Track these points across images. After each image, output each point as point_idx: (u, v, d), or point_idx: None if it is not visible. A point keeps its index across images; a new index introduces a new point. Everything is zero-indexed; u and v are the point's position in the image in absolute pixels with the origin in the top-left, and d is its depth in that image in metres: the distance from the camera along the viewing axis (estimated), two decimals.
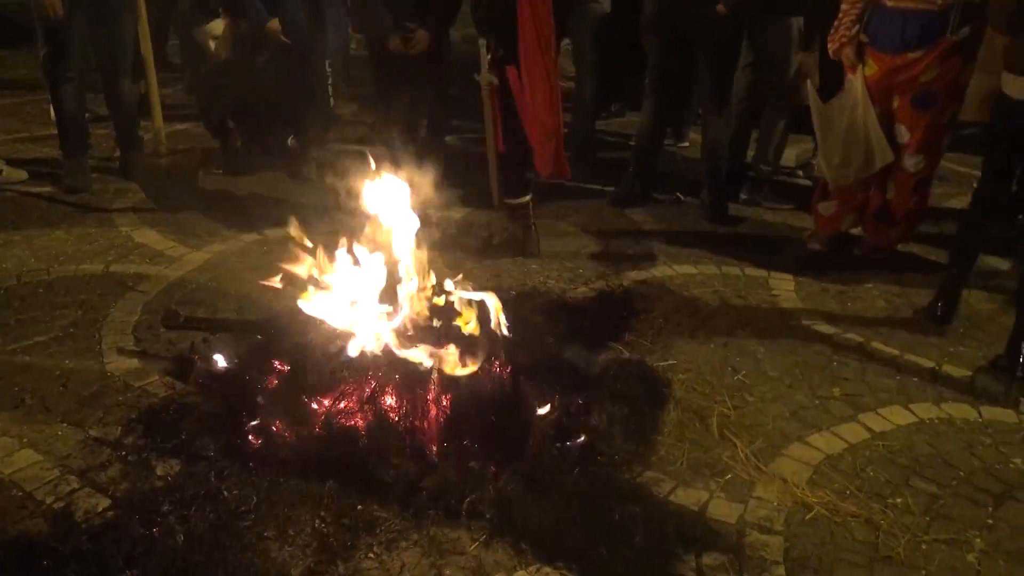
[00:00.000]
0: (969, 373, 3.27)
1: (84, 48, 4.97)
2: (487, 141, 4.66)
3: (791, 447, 2.84)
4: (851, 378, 3.25)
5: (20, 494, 2.55)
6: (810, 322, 3.66)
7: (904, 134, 3.91)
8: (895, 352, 3.43)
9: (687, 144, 6.11)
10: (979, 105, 4.15)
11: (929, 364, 3.35)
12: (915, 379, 3.25)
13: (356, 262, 2.86)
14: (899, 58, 3.77)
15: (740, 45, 4.66)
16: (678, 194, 5.07)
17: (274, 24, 5.11)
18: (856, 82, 3.88)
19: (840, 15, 3.89)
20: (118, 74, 5.07)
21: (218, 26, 5.35)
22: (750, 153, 5.25)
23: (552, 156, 4.07)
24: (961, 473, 2.73)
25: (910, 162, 3.93)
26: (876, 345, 3.48)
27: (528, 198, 4.27)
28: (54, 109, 5.19)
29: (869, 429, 2.95)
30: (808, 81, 4.23)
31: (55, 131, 5.26)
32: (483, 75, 4.33)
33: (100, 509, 2.48)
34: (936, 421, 3.00)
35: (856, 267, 4.17)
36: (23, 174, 5.12)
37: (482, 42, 4.26)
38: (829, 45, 3.95)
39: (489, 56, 4.16)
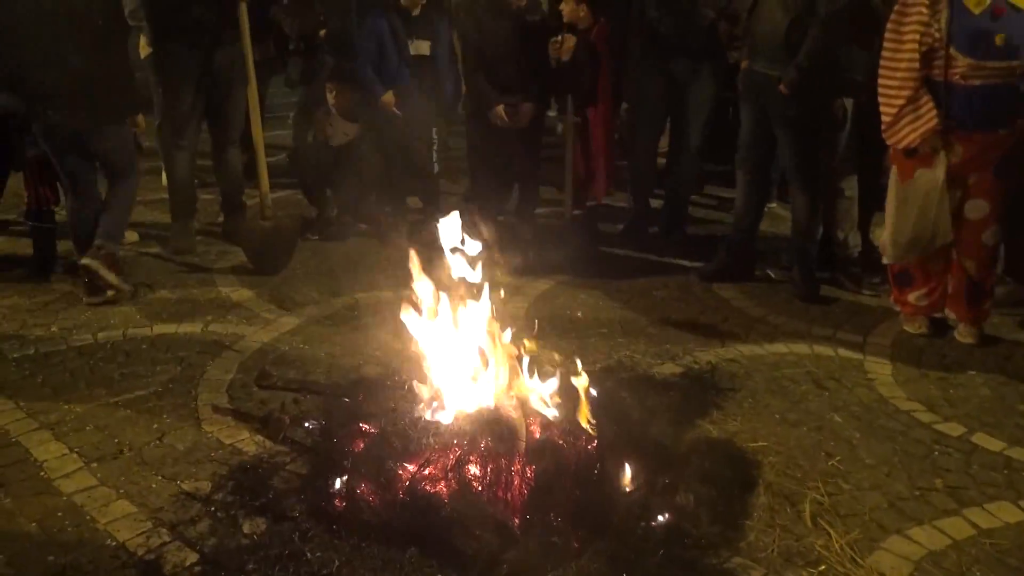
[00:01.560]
0: None
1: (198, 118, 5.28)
2: (567, 165, 5.35)
3: (890, 540, 2.70)
4: (954, 470, 3.09)
5: (114, 544, 2.62)
6: (909, 408, 3.51)
7: (982, 208, 3.86)
8: (1003, 444, 3.25)
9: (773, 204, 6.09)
10: None
11: None
12: None
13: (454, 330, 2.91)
14: (990, 136, 3.71)
15: (820, 123, 4.61)
16: (768, 271, 5.00)
17: (388, 97, 5.29)
18: (939, 166, 3.81)
19: (903, 102, 3.80)
20: (227, 143, 5.38)
21: (338, 125, 5.58)
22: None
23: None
24: None
25: (988, 233, 3.91)
26: (981, 436, 3.31)
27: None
28: (166, 175, 5.51)
29: (975, 525, 2.78)
30: (905, 177, 4.00)
31: (165, 195, 5.57)
32: (569, 116, 5.30)
33: (188, 563, 2.52)
34: None
35: (958, 352, 4.01)
36: (134, 235, 5.40)
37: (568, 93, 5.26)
38: (906, 136, 3.83)
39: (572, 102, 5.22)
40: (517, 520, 2.57)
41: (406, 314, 2.96)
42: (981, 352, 4.00)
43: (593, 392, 2.87)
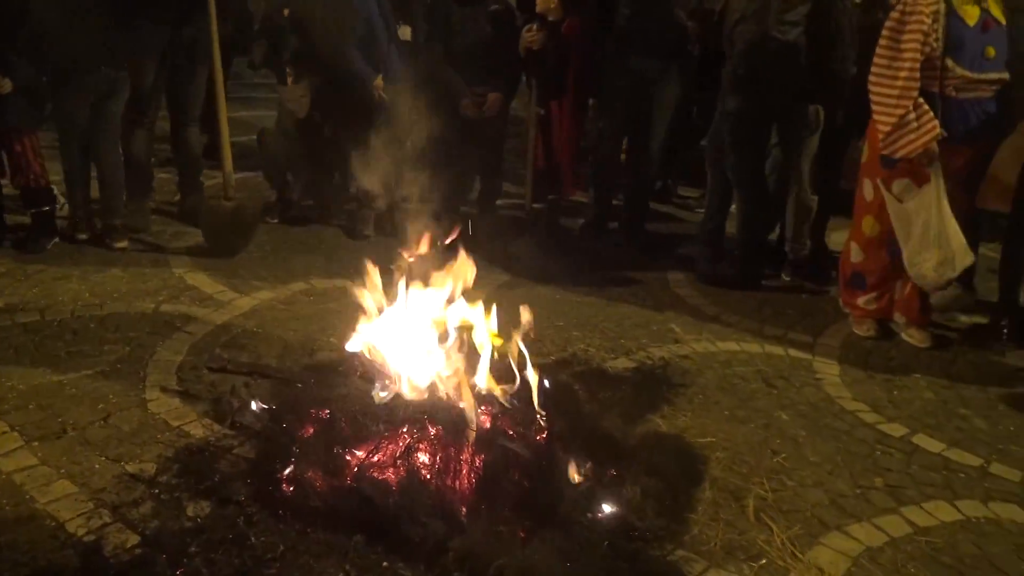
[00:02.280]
0: (1020, 473, 3.17)
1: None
2: (528, 158, 5.36)
3: (829, 536, 2.76)
4: (895, 469, 3.16)
5: (53, 524, 2.58)
6: (854, 409, 3.58)
7: None
8: (942, 445, 3.33)
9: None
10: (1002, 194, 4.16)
11: (978, 461, 3.24)
12: (962, 475, 3.15)
13: (404, 315, 2.91)
14: (972, 149, 3.79)
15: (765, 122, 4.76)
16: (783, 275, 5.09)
17: (379, 81, 5.21)
18: (936, 180, 3.80)
19: (903, 112, 3.75)
20: (187, 122, 5.29)
21: (296, 90, 5.50)
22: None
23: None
24: None
25: None
26: (922, 437, 3.39)
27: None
28: (123, 151, 5.39)
29: (912, 523, 2.85)
30: (888, 187, 4.03)
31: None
32: (532, 107, 5.20)
33: (129, 545, 2.49)
34: (983, 520, 2.89)
35: (903, 356, 4.09)
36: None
37: (532, 84, 5.18)
38: (907, 146, 3.76)
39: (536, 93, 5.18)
40: (464, 509, 2.57)
41: (362, 299, 2.96)
42: (926, 356, 4.09)
43: (545, 381, 2.89)
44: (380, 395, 2.80)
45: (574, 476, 2.75)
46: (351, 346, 3.01)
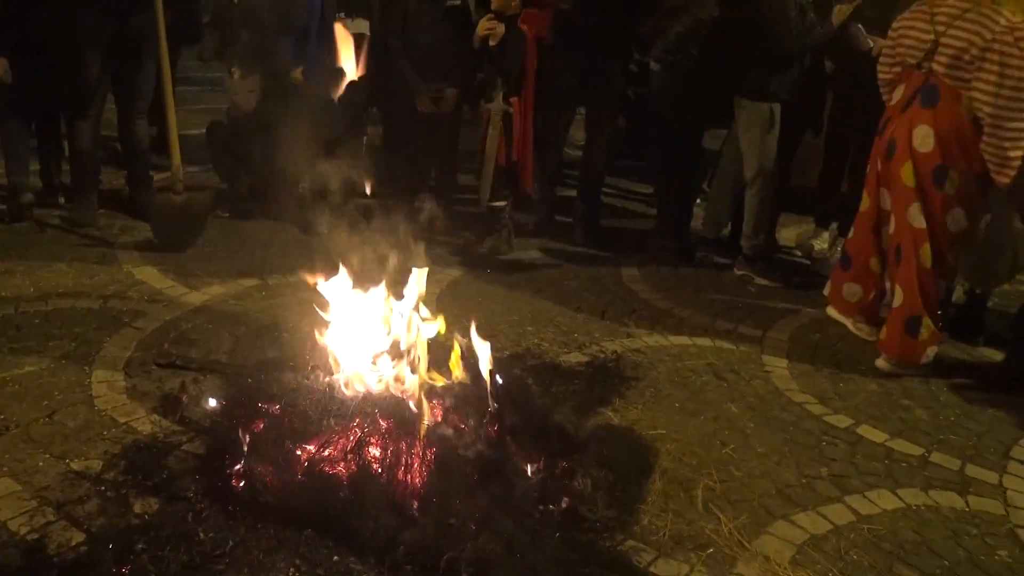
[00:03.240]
0: (959, 462, 3.27)
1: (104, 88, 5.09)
2: (487, 155, 5.18)
3: (775, 524, 2.81)
4: (839, 459, 3.23)
5: None
6: (801, 401, 3.66)
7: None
8: (885, 436, 3.42)
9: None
10: None
11: (919, 451, 3.33)
12: (903, 464, 3.23)
13: (356, 308, 2.90)
14: None
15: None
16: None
17: (297, 74, 5.17)
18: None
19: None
20: (134, 114, 5.20)
21: (244, 83, 5.43)
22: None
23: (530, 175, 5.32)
24: (946, 562, 2.70)
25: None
26: (866, 427, 3.47)
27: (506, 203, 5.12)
28: (68, 144, 5.29)
29: (855, 511, 2.92)
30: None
31: (66, 166, 5.36)
32: (497, 104, 5.01)
33: (74, 543, 2.45)
34: (923, 508, 2.97)
35: (849, 349, 4.18)
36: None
37: (498, 80, 4.99)
38: None
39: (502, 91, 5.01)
40: (415, 502, 2.58)
41: (317, 291, 2.95)
42: (872, 349, 4.17)
43: (497, 375, 2.90)
44: (331, 389, 2.79)
45: (526, 469, 2.77)
46: (319, 337, 2.98)
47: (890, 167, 3.90)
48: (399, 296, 2.98)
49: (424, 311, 2.95)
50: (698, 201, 6.29)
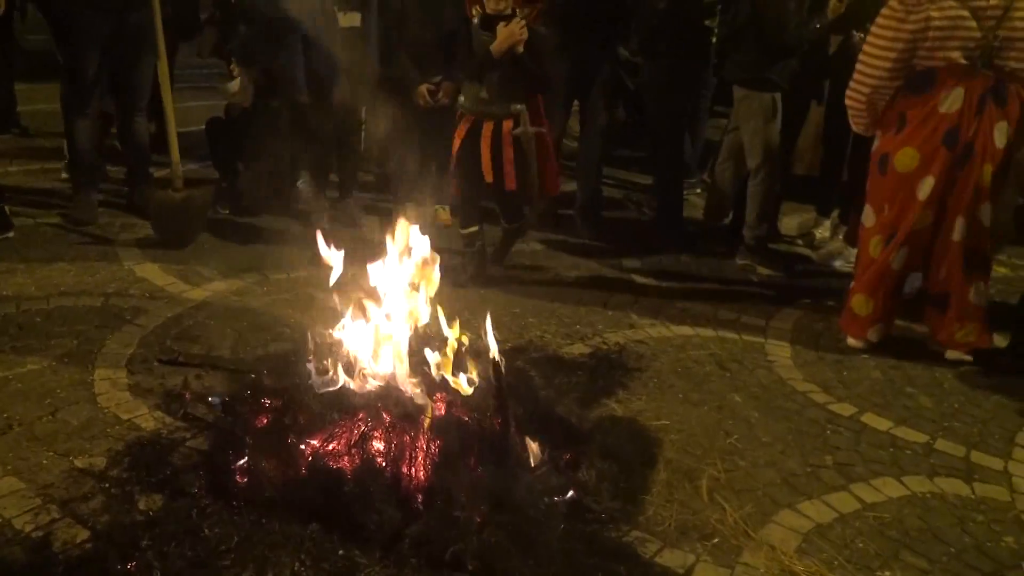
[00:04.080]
0: (964, 448, 3.26)
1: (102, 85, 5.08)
2: (529, 182, 4.58)
3: (781, 514, 2.81)
4: (844, 447, 3.23)
5: None
6: (805, 390, 3.65)
7: None
8: (889, 423, 3.41)
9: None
10: None
11: (923, 438, 3.32)
12: (908, 452, 3.23)
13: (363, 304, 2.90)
14: None
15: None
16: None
17: (304, 98, 5.12)
18: None
19: None
20: (134, 112, 5.19)
21: (235, 84, 5.41)
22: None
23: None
24: (952, 549, 2.69)
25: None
26: (870, 416, 3.46)
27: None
28: (67, 143, 5.28)
29: (860, 500, 2.91)
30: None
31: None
32: (526, 128, 4.42)
33: (79, 540, 2.45)
34: (928, 495, 2.97)
35: None
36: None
37: (520, 107, 4.40)
38: None
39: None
40: (420, 495, 2.57)
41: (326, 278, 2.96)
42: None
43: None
44: (333, 383, 2.78)
45: (531, 460, 2.76)
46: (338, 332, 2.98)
47: (969, 172, 3.75)
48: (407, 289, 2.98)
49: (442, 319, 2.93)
50: (699, 191, 6.31)
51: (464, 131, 4.41)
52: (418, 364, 2.80)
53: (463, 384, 2.76)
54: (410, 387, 2.73)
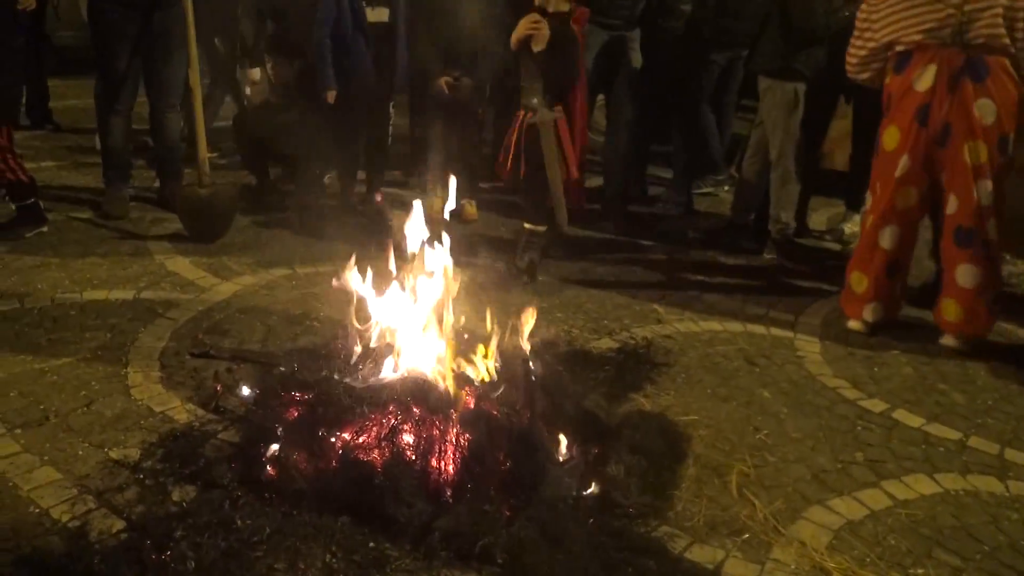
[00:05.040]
0: (998, 446, 3.22)
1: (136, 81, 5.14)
2: (551, 176, 4.45)
3: (811, 510, 2.79)
4: (875, 444, 3.20)
5: (37, 511, 2.57)
6: (835, 386, 3.62)
7: None
8: (921, 420, 3.38)
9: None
10: None
11: (956, 435, 3.29)
12: (941, 449, 3.19)
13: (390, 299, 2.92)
14: None
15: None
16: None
17: (330, 96, 5.14)
18: None
19: None
20: (166, 108, 5.24)
21: (256, 73, 5.47)
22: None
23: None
24: (985, 548, 2.66)
25: None
26: (902, 412, 3.43)
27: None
28: (100, 139, 5.36)
29: (892, 497, 2.89)
30: None
31: (99, 159, 5.42)
32: (543, 112, 4.36)
33: (114, 530, 2.48)
34: (961, 493, 2.94)
35: (883, 333, 4.13)
36: None
37: (537, 86, 4.35)
38: None
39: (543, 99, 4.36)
40: (450, 488, 2.59)
41: (349, 277, 2.97)
42: (905, 332, 4.13)
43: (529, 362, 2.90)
44: (364, 378, 2.80)
45: (559, 455, 2.77)
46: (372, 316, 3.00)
47: (947, 152, 3.77)
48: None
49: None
50: (726, 188, 6.27)
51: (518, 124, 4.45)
52: (447, 359, 2.82)
53: (488, 368, 2.78)
54: (440, 381, 2.74)
